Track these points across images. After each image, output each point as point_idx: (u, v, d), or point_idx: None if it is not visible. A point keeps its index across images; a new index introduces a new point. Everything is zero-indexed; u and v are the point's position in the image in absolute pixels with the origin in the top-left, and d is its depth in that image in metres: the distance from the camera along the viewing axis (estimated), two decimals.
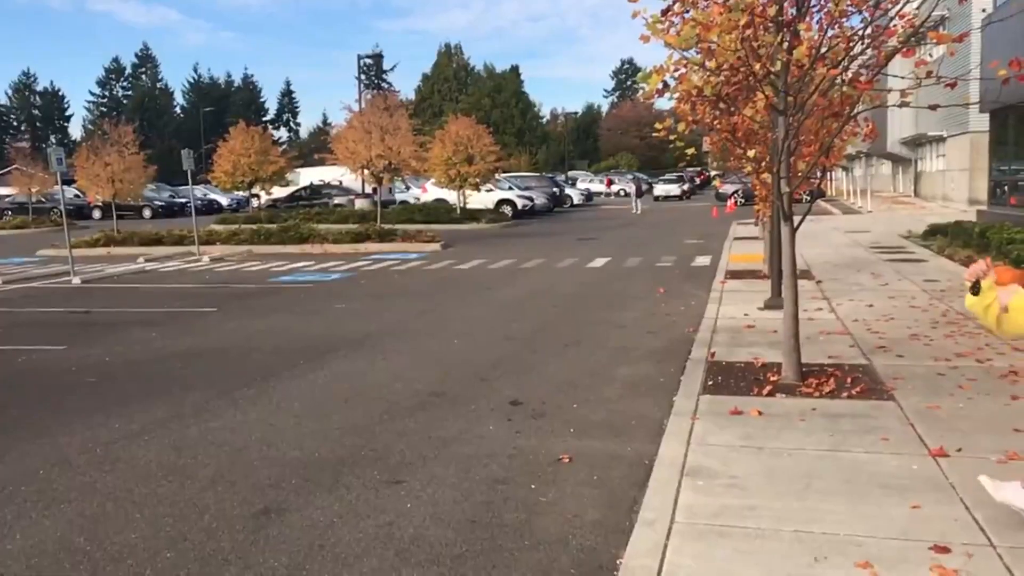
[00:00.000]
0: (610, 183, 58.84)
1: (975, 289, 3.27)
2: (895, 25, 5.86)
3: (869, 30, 5.90)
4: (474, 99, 71.01)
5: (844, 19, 6.06)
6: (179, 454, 5.41)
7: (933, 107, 6.27)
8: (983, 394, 5.80)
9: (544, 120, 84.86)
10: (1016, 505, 3.60)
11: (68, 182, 25.49)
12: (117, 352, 8.86)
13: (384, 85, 76.60)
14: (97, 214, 38.77)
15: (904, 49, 5.84)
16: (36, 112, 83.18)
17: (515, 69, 79.33)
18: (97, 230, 25.23)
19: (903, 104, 6.25)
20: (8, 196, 39.53)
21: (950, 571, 3.26)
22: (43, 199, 36.58)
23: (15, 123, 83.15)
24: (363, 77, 49.85)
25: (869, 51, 6.03)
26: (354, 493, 4.65)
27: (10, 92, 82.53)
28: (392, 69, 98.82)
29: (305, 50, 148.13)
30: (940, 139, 30.66)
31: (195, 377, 7.61)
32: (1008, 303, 3.19)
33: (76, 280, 15.63)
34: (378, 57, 62.41)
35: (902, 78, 6.30)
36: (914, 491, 4.07)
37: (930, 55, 13.81)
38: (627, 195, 44.48)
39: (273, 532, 4.17)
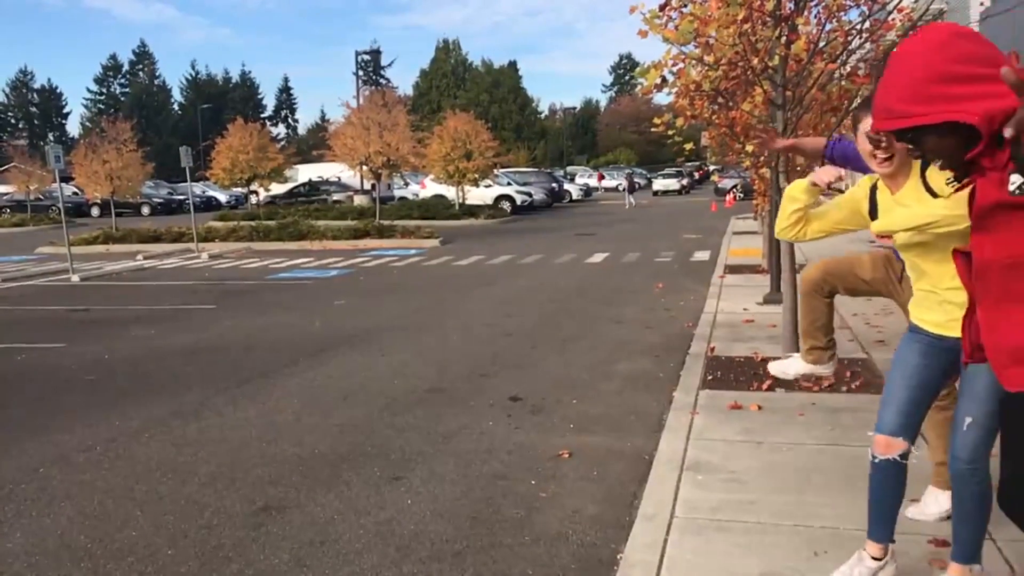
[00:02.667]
0: (601, 178, 59.11)
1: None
2: (893, 19, 5.86)
3: (867, 24, 5.90)
4: (472, 95, 70.90)
5: (842, 13, 6.06)
6: (179, 451, 5.42)
7: None
8: None
9: (542, 115, 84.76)
10: (805, 372, 3.77)
11: (66, 179, 25.44)
12: (116, 349, 8.86)
13: (382, 81, 76.56)
14: (96, 211, 38.69)
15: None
16: (34, 110, 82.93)
17: (513, 64, 79.25)
18: (96, 227, 25.22)
19: None
20: (6, 194, 39.45)
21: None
22: (41, 197, 36.51)
23: (13, 121, 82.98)
24: (361, 73, 49.78)
25: (867, 45, 6.03)
26: (354, 490, 4.65)
27: (7, 90, 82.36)
28: (390, 65, 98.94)
29: (303, 46, 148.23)
30: None
31: (194, 374, 7.61)
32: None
33: (75, 278, 15.62)
34: (376, 53, 62.28)
35: None
36: (914, 485, 4.07)
37: None
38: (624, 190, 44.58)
39: (274, 529, 4.17)
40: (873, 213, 3.06)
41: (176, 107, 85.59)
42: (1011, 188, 1.85)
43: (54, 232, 26.94)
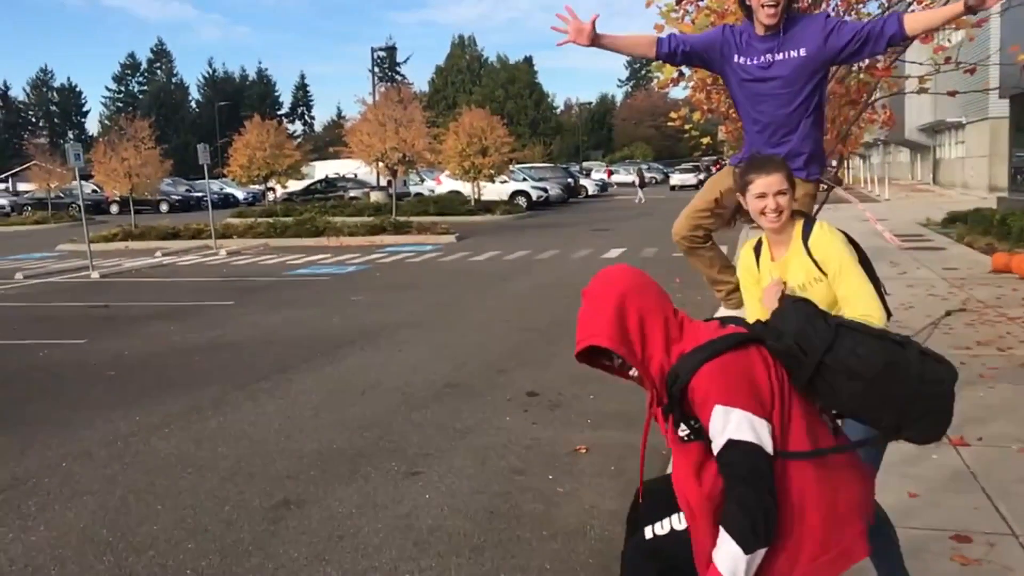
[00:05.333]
0: (610, 174, 59.48)
1: None
2: (913, 11, 5.80)
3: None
4: (488, 90, 70.95)
5: (861, 5, 6.01)
6: (199, 446, 5.46)
7: (952, 93, 6.21)
8: (1005, 382, 5.74)
9: (558, 111, 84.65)
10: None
11: (86, 177, 25.65)
12: (136, 346, 8.94)
13: (398, 77, 76.65)
14: (115, 209, 39.06)
15: (922, 35, 5.78)
16: (54, 108, 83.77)
17: (528, 60, 79.20)
18: (115, 225, 25.43)
19: (921, 91, 6.19)
20: (27, 192, 39.92)
21: (972, 560, 3.24)
22: (61, 194, 36.91)
23: (33, 119, 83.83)
24: (377, 70, 49.92)
25: None
26: (372, 484, 4.67)
27: (28, 89, 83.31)
28: (406, 61, 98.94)
29: (319, 43, 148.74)
30: (959, 125, 30.32)
31: (213, 370, 7.66)
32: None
33: (95, 274, 15.77)
34: (391, 50, 62.51)
35: (920, 64, 6.24)
36: (935, 481, 4.04)
37: (949, 41, 13.60)
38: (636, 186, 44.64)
39: (293, 523, 4.20)
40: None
41: (193, 105, 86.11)
42: (681, 435, 2.30)
43: (74, 229, 27.20)
